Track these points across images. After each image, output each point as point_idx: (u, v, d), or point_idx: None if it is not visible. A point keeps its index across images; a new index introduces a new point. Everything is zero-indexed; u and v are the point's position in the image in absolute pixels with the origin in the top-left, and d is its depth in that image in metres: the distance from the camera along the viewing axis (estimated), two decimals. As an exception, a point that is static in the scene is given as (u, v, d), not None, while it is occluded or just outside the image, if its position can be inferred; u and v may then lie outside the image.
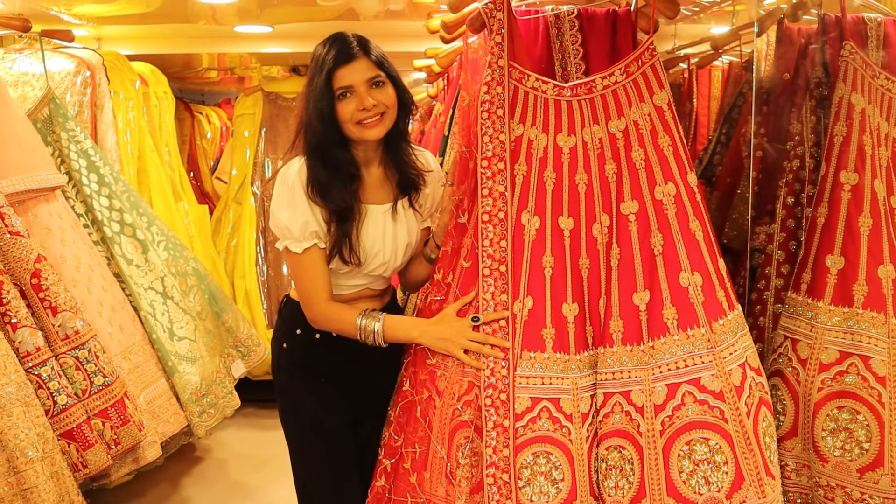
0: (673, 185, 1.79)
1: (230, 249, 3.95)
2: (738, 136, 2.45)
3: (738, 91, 2.59)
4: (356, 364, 1.87)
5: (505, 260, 1.77)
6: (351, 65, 1.69)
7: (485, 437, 1.68)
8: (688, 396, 1.68)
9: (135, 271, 2.67)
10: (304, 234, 1.70)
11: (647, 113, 1.83)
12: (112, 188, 2.70)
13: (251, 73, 5.32)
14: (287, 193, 1.71)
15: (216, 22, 3.71)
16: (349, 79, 1.68)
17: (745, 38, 2.72)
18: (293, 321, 1.87)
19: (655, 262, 1.77)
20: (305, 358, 1.88)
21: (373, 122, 1.72)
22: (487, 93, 1.82)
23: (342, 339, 1.83)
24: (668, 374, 1.71)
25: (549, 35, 1.99)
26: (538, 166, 1.84)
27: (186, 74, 4.90)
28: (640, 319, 1.76)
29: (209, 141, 5.06)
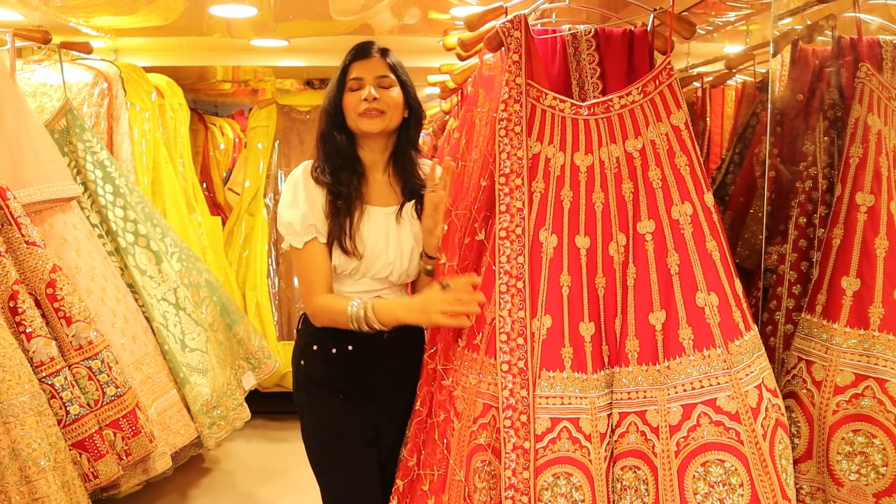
0: (690, 205, 1.78)
1: (242, 261, 3.95)
2: (751, 155, 2.44)
3: (751, 111, 2.58)
4: (373, 378, 1.88)
5: (522, 276, 1.76)
6: (366, 61, 1.81)
7: (504, 459, 1.66)
8: (703, 417, 1.66)
9: (148, 282, 2.67)
10: (304, 228, 1.76)
11: (664, 132, 1.83)
12: (127, 199, 2.70)
13: (264, 85, 5.35)
14: (291, 191, 1.80)
15: (232, 35, 3.73)
16: (360, 72, 1.80)
17: (759, 57, 2.72)
18: (309, 337, 1.89)
19: (672, 281, 1.76)
20: (322, 374, 1.88)
21: (372, 114, 1.80)
22: (505, 110, 1.82)
23: (358, 353, 1.84)
24: (684, 395, 1.69)
25: (567, 54, 1.99)
26: (555, 184, 1.83)
27: (200, 86, 4.92)
28: (656, 339, 1.75)
29: (222, 152, 5.08)
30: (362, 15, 3.54)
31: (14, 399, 1.88)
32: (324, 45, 3.90)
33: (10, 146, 2.23)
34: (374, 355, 1.85)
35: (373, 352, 1.86)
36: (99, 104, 2.85)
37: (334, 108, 1.82)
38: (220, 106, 5.91)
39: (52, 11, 2.87)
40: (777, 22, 2.41)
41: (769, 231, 2.13)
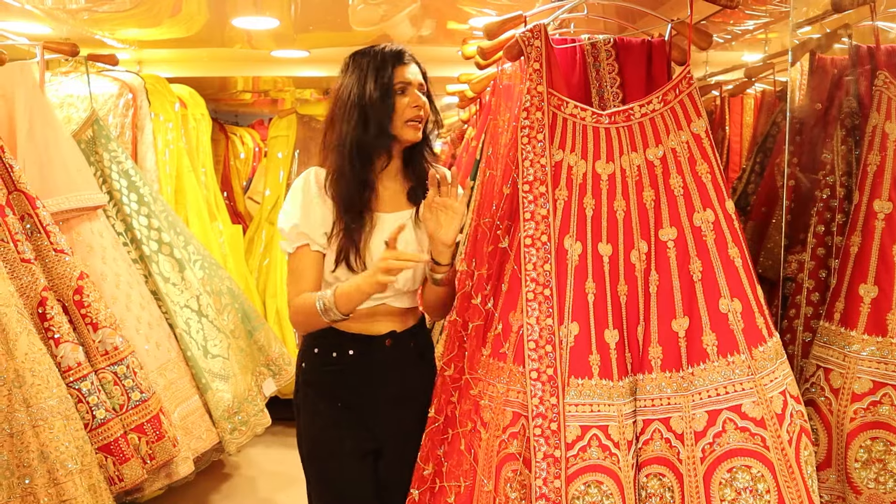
0: (711, 212, 1.78)
1: (262, 269, 3.97)
2: (772, 165, 2.43)
3: (771, 120, 2.58)
4: (375, 387, 1.83)
5: (549, 284, 1.76)
6: (407, 66, 1.78)
7: (534, 468, 1.65)
8: (729, 423, 1.66)
9: (171, 289, 2.69)
10: (296, 235, 1.72)
11: (684, 140, 1.82)
12: (151, 207, 2.73)
13: (284, 95, 5.39)
14: (290, 197, 1.77)
15: (252, 46, 3.76)
16: (408, 76, 1.76)
17: (778, 66, 2.71)
18: (312, 339, 1.85)
19: (694, 288, 1.75)
20: (322, 379, 1.83)
21: (418, 122, 1.78)
22: (527, 118, 1.83)
23: (360, 359, 1.80)
24: (709, 401, 1.68)
25: (586, 63, 2.00)
26: (578, 192, 1.83)
27: (221, 96, 4.96)
28: (680, 346, 1.74)
29: (242, 161, 5.11)
30: (381, 25, 3.56)
31: (43, 403, 1.90)
32: (343, 56, 3.92)
33: (40, 156, 2.26)
34: (377, 362, 1.81)
35: (375, 358, 1.82)
36: (124, 115, 2.88)
37: (387, 110, 1.70)
38: (241, 116, 5.95)
39: (79, 24, 2.91)
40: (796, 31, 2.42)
41: (788, 240, 2.12)
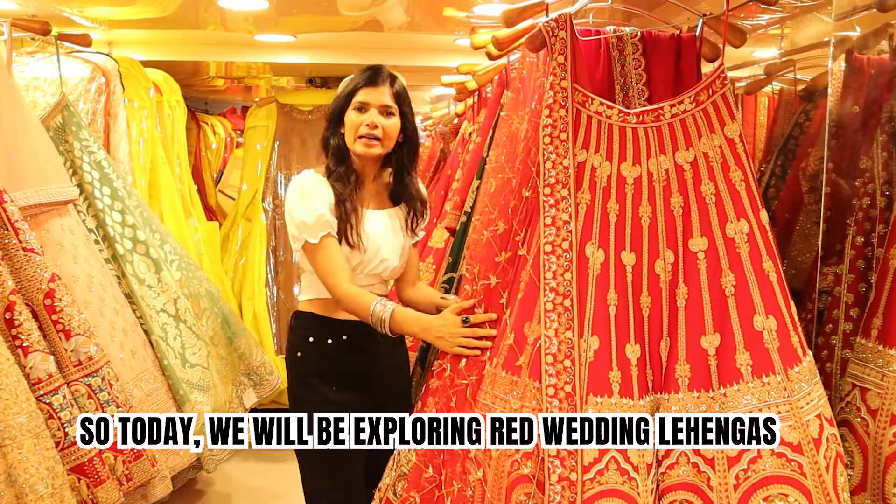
0: (746, 223, 1.75)
1: (238, 269, 3.88)
2: (796, 169, 2.42)
3: (793, 121, 2.56)
4: (367, 364, 2.05)
5: (570, 294, 1.72)
6: (374, 88, 1.98)
7: (548, 491, 1.61)
8: (765, 449, 1.63)
9: (147, 292, 2.60)
10: (318, 224, 1.92)
11: (717, 145, 1.80)
12: (125, 202, 2.64)
13: (258, 82, 5.29)
14: (299, 193, 1.96)
15: (227, 28, 3.67)
16: (367, 97, 1.98)
17: (800, 63, 2.70)
18: (306, 329, 2.05)
19: (727, 303, 1.73)
20: (319, 365, 2.03)
21: (373, 143, 1.98)
22: (549, 116, 1.78)
23: (353, 343, 2.02)
24: (757, 443, 1.65)
25: (611, 57, 1.96)
26: (602, 196, 1.79)
27: (193, 82, 4.85)
28: (710, 364, 1.72)
29: (213, 152, 5.01)
30: (372, 11, 3.49)
31: (11, 420, 1.81)
32: (329, 42, 3.85)
33: (7, 145, 2.16)
34: (368, 343, 2.02)
35: (366, 340, 2.02)
36: (96, 100, 2.78)
37: (336, 119, 2.00)
38: (211, 103, 5.84)
39: (47, 1, 2.81)
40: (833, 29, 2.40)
41: (823, 250, 2.10)
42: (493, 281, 1.91)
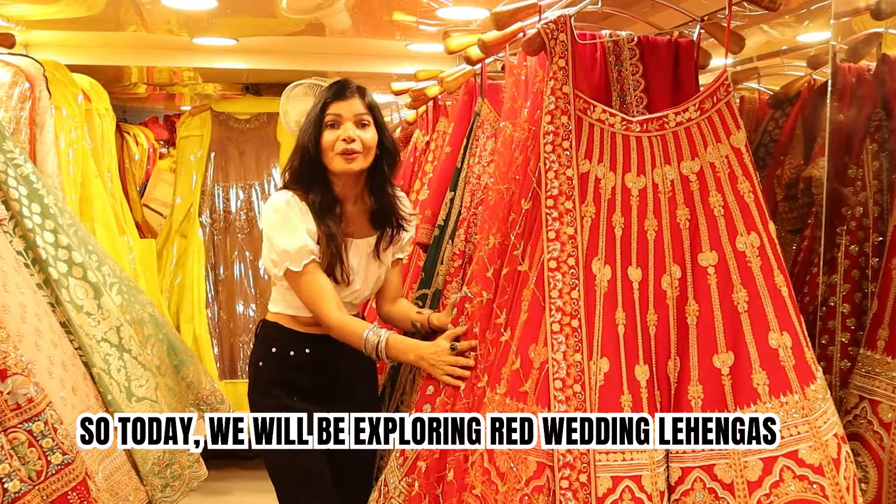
0: (756, 236, 1.69)
1: (174, 289, 3.62)
2: (770, 178, 2.40)
3: (762, 128, 2.55)
4: (332, 377, 2.03)
5: (578, 314, 1.61)
6: (344, 100, 1.92)
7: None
8: (786, 472, 1.57)
9: (86, 320, 2.35)
10: (301, 253, 1.88)
11: (724, 155, 1.73)
12: (58, 221, 2.38)
13: (183, 90, 5.01)
14: (279, 219, 1.91)
15: (158, 30, 3.43)
16: (339, 110, 1.92)
17: (764, 70, 2.69)
18: (269, 340, 2.05)
19: (740, 320, 1.66)
20: (280, 375, 2.02)
21: (353, 156, 1.91)
22: (551, 123, 1.68)
23: (316, 356, 2.00)
24: (763, 447, 1.58)
25: (607, 63, 1.88)
26: (607, 208, 1.70)
27: (112, 89, 4.53)
28: (724, 384, 1.65)
29: (137, 164, 4.70)
30: (317, 14, 3.33)
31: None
32: (267, 46, 3.65)
33: (-76, 158, 1.89)
34: (331, 356, 2.00)
35: (329, 353, 2.00)
36: (19, 108, 2.51)
37: (314, 145, 1.92)
38: (129, 112, 5.50)
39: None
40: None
41: (809, 259, 2.08)
42: (484, 297, 1.80)
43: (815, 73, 2.45)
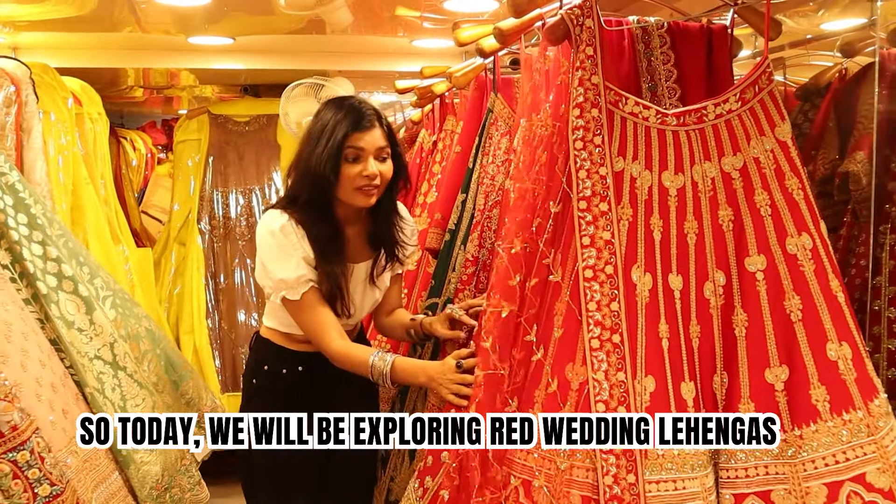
0: (808, 237, 1.53)
1: (173, 299, 3.44)
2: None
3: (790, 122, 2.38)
4: (325, 396, 1.94)
5: (619, 328, 1.44)
6: (368, 132, 1.77)
7: None
8: (854, 498, 1.41)
9: (77, 336, 2.18)
10: (300, 283, 1.79)
11: (769, 149, 1.57)
12: (46, 232, 2.21)
13: (181, 93, 4.83)
14: (275, 246, 1.80)
15: (152, 30, 3.25)
16: (360, 144, 1.77)
17: (790, 60, 2.53)
18: (262, 356, 1.98)
19: (794, 330, 1.50)
20: (273, 392, 1.95)
21: (371, 191, 1.80)
22: (580, 117, 1.51)
23: (309, 374, 1.92)
24: (826, 471, 1.42)
25: (636, 51, 1.71)
26: (644, 210, 1.53)
27: (109, 93, 4.36)
28: (778, 402, 1.48)
29: (134, 170, 4.53)
30: (317, 10, 3.15)
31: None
32: (269, 45, 3.47)
33: None
34: (324, 375, 1.92)
35: (322, 372, 1.91)
36: (5, 112, 2.34)
37: (335, 178, 1.76)
38: (127, 117, 5.32)
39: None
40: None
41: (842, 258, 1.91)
42: (506, 309, 1.62)
43: (848, 62, 2.30)
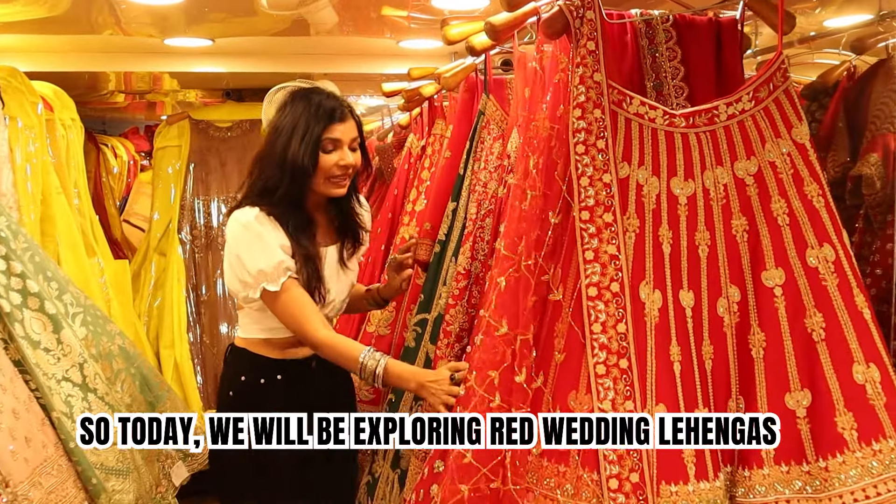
0: (830, 248, 1.39)
1: (153, 312, 3.28)
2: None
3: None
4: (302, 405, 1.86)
5: (626, 352, 1.30)
6: (344, 123, 1.80)
7: None
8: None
9: (43, 357, 2.03)
10: (279, 270, 1.75)
11: (786, 152, 1.43)
12: (10, 245, 2.05)
13: (164, 98, 4.67)
14: (250, 237, 1.76)
15: (129, 32, 3.09)
16: (338, 135, 1.79)
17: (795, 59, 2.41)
18: (239, 367, 1.91)
19: (816, 350, 1.36)
20: (251, 407, 1.86)
21: (344, 181, 1.83)
22: (582, 118, 1.37)
23: (287, 383, 1.87)
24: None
25: (639, 47, 1.57)
26: (652, 220, 1.39)
27: (88, 98, 4.19)
28: (800, 429, 1.34)
29: (115, 177, 4.36)
30: (300, 11, 3.00)
31: None
32: (250, 47, 3.32)
33: None
34: (303, 384, 1.88)
35: (302, 380, 1.88)
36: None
37: (312, 168, 1.77)
38: (109, 123, 5.15)
39: None
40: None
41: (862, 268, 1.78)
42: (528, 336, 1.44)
43: (856, 59, 2.17)
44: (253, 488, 1.86)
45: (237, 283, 1.78)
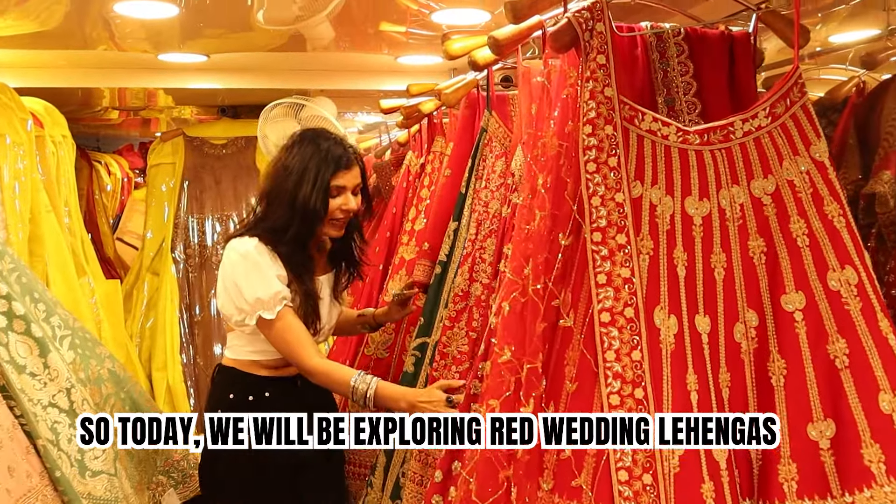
0: (853, 271, 1.32)
1: (145, 333, 3.19)
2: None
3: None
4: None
5: (642, 381, 1.23)
6: (350, 170, 1.86)
7: None
8: (919, 579, 1.18)
9: (29, 382, 1.94)
10: (275, 300, 1.79)
11: (804, 170, 1.36)
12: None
13: (159, 115, 4.61)
14: (249, 266, 1.80)
15: (119, 47, 3.03)
16: (345, 181, 1.85)
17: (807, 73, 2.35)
18: (227, 385, 1.92)
19: (840, 378, 1.29)
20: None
21: (344, 223, 1.89)
22: (592, 134, 1.30)
23: (274, 399, 1.88)
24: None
25: (650, 61, 1.50)
26: (666, 242, 1.32)
27: (81, 115, 4.13)
28: (824, 462, 1.27)
29: (109, 195, 4.28)
30: (297, 26, 2.94)
31: None
32: (245, 63, 3.26)
33: None
34: (290, 401, 1.91)
35: (288, 397, 1.91)
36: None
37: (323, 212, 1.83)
38: (103, 140, 5.08)
39: None
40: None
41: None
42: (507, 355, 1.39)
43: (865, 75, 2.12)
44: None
45: (233, 309, 1.81)
